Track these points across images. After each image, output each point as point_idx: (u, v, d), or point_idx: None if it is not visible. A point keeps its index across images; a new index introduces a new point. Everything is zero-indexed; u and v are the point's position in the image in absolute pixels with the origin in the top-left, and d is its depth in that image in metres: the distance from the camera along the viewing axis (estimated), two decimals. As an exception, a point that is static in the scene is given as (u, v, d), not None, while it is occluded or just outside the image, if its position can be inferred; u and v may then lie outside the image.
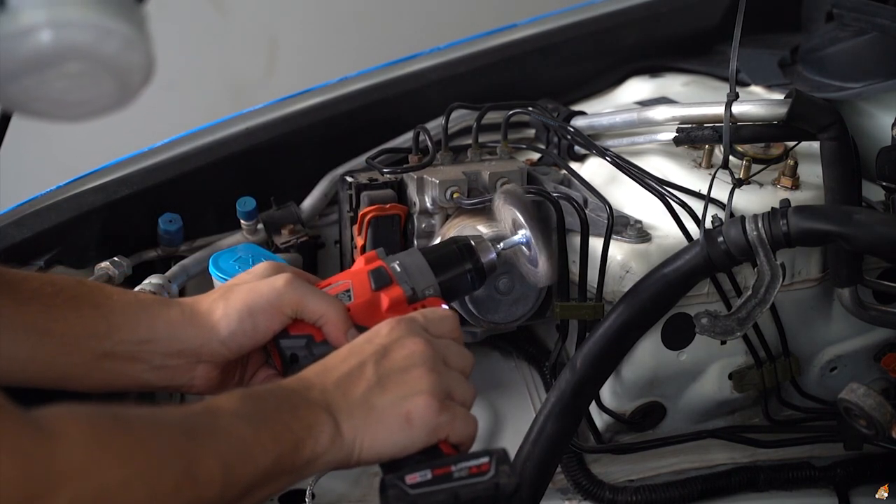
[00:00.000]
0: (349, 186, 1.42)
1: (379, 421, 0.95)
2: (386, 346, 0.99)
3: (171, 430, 0.85)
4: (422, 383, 0.97)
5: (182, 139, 1.53)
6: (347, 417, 0.94)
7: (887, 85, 1.48)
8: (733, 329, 1.23)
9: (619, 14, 1.80)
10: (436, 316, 1.04)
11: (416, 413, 0.96)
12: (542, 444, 1.24)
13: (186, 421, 0.87)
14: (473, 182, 1.39)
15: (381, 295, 1.07)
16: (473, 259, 1.11)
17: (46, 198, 1.42)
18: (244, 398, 0.92)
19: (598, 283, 1.32)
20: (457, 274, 1.10)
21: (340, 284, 1.07)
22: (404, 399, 0.96)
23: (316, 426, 0.92)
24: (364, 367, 0.97)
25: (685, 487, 1.46)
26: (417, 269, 1.09)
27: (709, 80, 1.70)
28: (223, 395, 0.92)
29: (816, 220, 1.19)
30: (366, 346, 0.99)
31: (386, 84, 1.63)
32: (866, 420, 1.25)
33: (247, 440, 0.88)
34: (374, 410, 0.95)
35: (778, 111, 1.32)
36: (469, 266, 1.10)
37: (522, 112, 1.54)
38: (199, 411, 0.89)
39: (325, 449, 0.93)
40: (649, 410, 1.43)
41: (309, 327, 1.05)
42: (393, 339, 0.99)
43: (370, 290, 1.07)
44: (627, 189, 1.41)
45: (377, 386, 0.96)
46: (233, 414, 0.89)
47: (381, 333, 1.00)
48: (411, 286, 1.08)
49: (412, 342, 0.99)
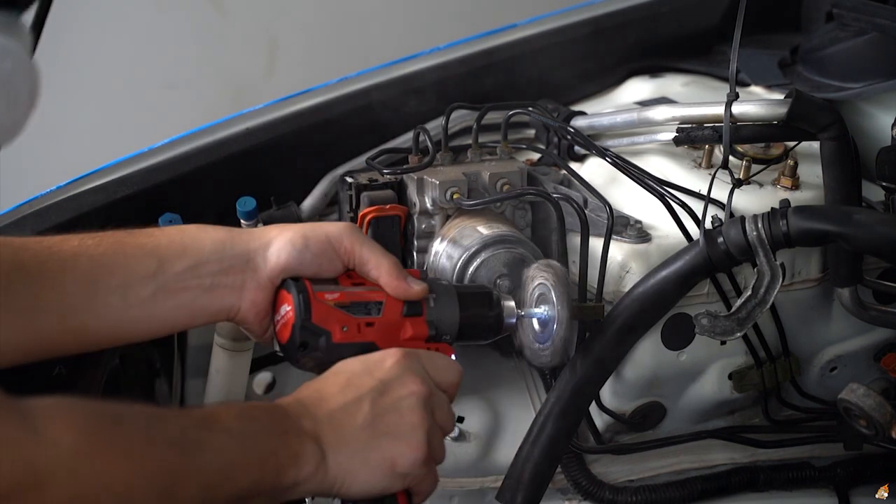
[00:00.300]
0: (349, 187, 1.42)
1: (365, 463, 0.96)
2: (385, 381, 0.99)
3: (163, 439, 0.85)
4: (413, 430, 0.98)
5: (182, 139, 1.53)
6: (335, 452, 0.95)
7: (887, 85, 1.48)
8: (733, 329, 1.23)
9: (619, 14, 1.80)
10: (443, 363, 1.05)
11: (402, 462, 0.97)
12: (542, 444, 1.24)
13: (180, 432, 0.87)
14: (473, 182, 1.39)
15: (407, 323, 1.08)
16: (496, 314, 1.13)
17: (46, 198, 1.42)
18: (239, 416, 0.92)
19: (598, 283, 1.32)
20: (478, 321, 1.12)
21: (377, 292, 1.08)
22: (394, 443, 0.97)
23: (302, 456, 0.93)
24: (361, 403, 0.97)
25: (685, 487, 1.46)
26: (448, 309, 1.10)
27: (709, 80, 1.70)
28: (222, 405, 0.93)
29: (816, 220, 1.19)
30: (366, 378, 0.99)
31: (386, 84, 1.63)
32: (866, 420, 1.26)
33: (233, 462, 0.88)
34: (362, 451, 0.96)
35: (778, 111, 1.32)
36: (491, 316, 1.13)
37: (522, 112, 1.53)
38: (195, 424, 0.89)
39: (306, 478, 0.93)
40: (649, 411, 1.43)
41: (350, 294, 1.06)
42: (394, 376, 0.99)
43: (400, 314, 1.08)
44: (627, 189, 1.41)
45: (370, 426, 0.97)
46: (226, 431, 0.89)
47: (383, 367, 1.00)
48: (436, 326, 1.09)
49: (412, 382, 1.00)
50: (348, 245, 1.08)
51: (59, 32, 1.72)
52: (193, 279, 1.04)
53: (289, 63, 3.01)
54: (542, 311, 1.14)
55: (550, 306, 1.12)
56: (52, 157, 2.69)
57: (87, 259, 1.01)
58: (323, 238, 1.07)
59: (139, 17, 2.88)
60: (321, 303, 1.05)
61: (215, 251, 1.05)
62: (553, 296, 1.12)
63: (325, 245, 1.07)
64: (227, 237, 1.06)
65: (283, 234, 1.07)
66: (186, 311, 1.04)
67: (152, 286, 1.02)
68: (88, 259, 1.01)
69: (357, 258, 1.08)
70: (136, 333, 1.05)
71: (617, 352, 1.27)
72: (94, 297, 1.00)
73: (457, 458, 1.46)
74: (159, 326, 1.05)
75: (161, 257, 1.03)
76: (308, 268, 1.06)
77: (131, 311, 1.02)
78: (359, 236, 1.09)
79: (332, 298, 1.05)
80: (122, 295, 1.01)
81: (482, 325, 1.13)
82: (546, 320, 1.13)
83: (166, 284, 1.02)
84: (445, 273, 1.33)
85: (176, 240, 1.05)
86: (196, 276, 1.04)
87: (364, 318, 1.06)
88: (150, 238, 1.05)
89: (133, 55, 2.87)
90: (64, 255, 1.00)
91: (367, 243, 1.09)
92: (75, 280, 1.00)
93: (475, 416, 1.48)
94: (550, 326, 1.12)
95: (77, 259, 1.01)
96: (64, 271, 0.99)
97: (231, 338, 1.34)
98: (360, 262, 1.08)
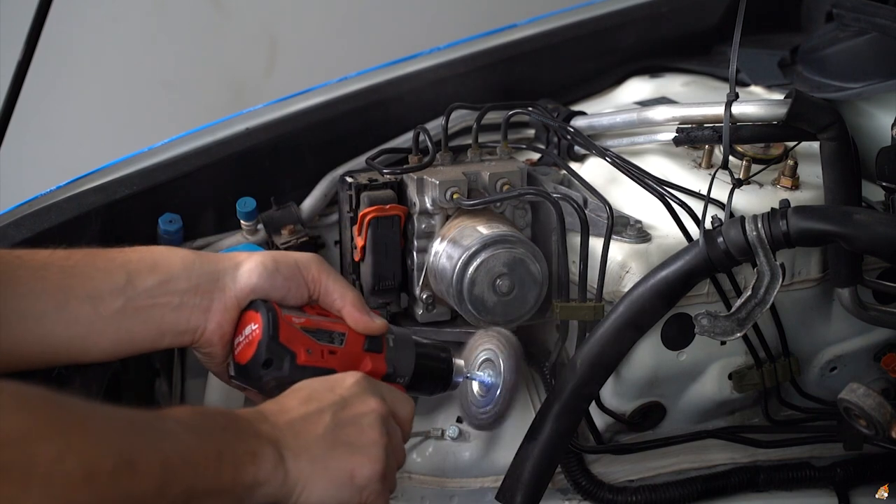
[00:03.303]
0: (349, 187, 1.42)
1: (325, 470, 0.97)
2: (346, 398, 1.01)
3: (114, 418, 0.84)
4: (373, 445, 1.00)
5: (182, 139, 1.53)
6: (294, 458, 0.95)
7: (887, 85, 1.48)
8: (733, 329, 1.23)
9: (619, 14, 1.80)
10: (400, 395, 1.08)
11: (361, 473, 0.98)
12: (541, 444, 1.24)
13: (133, 416, 0.86)
14: (473, 182, 1.39)
15: (367, 357, 1.11)
16: (447, 368, 1.16)
17: (46, 198, 1.42)
18: (194, 413, 0.92)
19: (598, 283, 1.32)
20: (430, 372, 1.15)
21: (340, 324, 1.11)
22: (353, 454, 0.98)
23: (259, 455, 0.93)
24: (322, 414, 0.99)
25: (685, 487, 1.46)
26: (405, 352, 1.14)
27: (709, 80, 1.70)
28: (174, 407, 0.93)
29: (816, 220, 1.19)
30: (327, 393, 1.01)
31: (386, 84, 1.63)
32: (866, 420, 1.25)
33: (190, 447, 0.88)
34: (322, 459, 0.96)
35: (778, 111, 1.32)
36: (444, 371, 1.16)
37: (522, 112, 1.54)
38: (148, 415, 0.89)
39: (266, 479, 0.93)
40: (649, 410, 1.43)
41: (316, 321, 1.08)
42: (354, 394, 1.02)
43: (361, 348, 1.11)
44: (627, 189, 1.41)
45: (331, 435, 0.98)
46: (180, 422, 0.89)
47: (344, 384, 1.02)
48: (394, 366, 1.12)
49: (373, 401, 1.02)
50: (315, 274, 1.10)
51: (59, 32, 1.72)
52: (162, 296, 1.04)
53: (289, 63, 3.01)
54: (487, 375, 1.16)
55: (496, 373, 1.15)
56: (52, 157, 2.69)
57: (57, 269, 1.01)
58: (292, 264, 1.09)
59: (139, 16, 2.88)
60: (289, 324, 1.06)
61: (185, 268, 1.06)
62: (500, 362, 1.15)
63: (294, 271, 1.09)
64: (197, 257, 1.07)
65: (254, 257, 1.09)
66: (154, 329, 1.05)
67: (121, 299, 1.02)
68: (59, 269, 1.01)
69: (323, 288, 1.10)
70: (103, 349, 1.04)
71: (617, 352, 1.27)
72: (64, 305, 1.00)
73: (457, 458, 1.46)
74: (127, 343, 1.05)
75: (130, 271, 1.03)
76: (277, 291, 1.08)
77: (100, 322, 1.02)
78: (326, 267, 1.11)
79: (298, 322, 1.07)
80: (93, 305, 1.01)
81: (434, 375, 1.16)
82: (490, 385, 1.16)
83: (135, 299, 1.03)
84: (446, 273, 1.33)
85: (146, 256, 1.06)
86: (165, 293, 1.04)
87: (328, 346, 1.08)
88: (120, 254, 1.05)
89: (133, 54, 2.87)
90: (34, 265, 1.01)
91: (333, 274, 1.11)
92: (46, 288, 1.00)
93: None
94: (493, 392, 1.15)
95: (48, 268, 1.01)
96: (34, 279, 0.99)
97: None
98: (325, 292, 1.10)
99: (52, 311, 1.00)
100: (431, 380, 1.16)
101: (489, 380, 1.16)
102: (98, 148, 1.92)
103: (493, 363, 1.16)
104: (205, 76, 2.97)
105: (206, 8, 2.93)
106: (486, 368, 1.17)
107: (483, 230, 1.32)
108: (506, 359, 1.15)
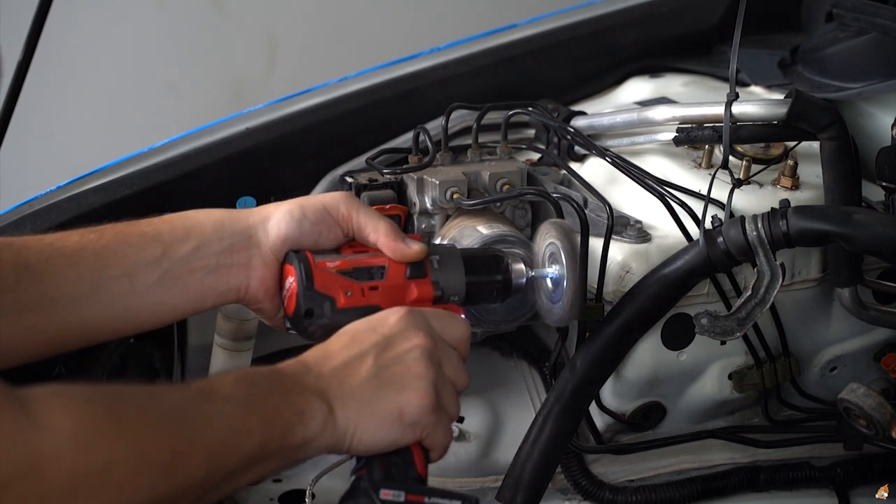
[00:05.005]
0: (349, 187, 1.42)
1: (372, 413, 0.96)
2: (389, 336, 0.99)
3: (161, 417, 0.85)
4: (418, 380, 0.98)
5: (182, 139, 1.53)
6: (342, 406, 0.95)
7: (887, 85, 1.48)
8: (733, 329, 1.23)
9: (619, 14, 1.80)
10: (449, 319, 1.05)
11: (409, 411, 0.97)
12: (541, 444, 1.24)
13: (178, 406, 0.87)
14: (473, 182, 1.39)
15: (412, 285, 1.09)
16: (505, 274, 1.13)
17: (46, 198, 1.42)
18: (237, 382, 0.92)
19: (598, 283, 1.32)
20: (485, 283, 1.12)
21: (380, 258, 1.09)
22: (399, 393, 0.97)
23: (307, 412, 0.93)
24: (364, 357, 0.98)
25: (685, 487, 1.46)
26: (453, 271, 1.10)
27: (709, 80, 1.70)
28: (219, 376, 0.93)
29: (816, 220, 1.19)
30: (369, 334, 1.00)
31: (386, 84, 1.63)
32: (866, 420, 1.26)
33: (235, 427, 0.88)
34: (369, 402, 0.96)
35: (778, 111, 1.32)
36: (499, 278, 1.13)
37: (522, 112, 1.53)
38: (192, 396, 0.89)
39: (315, 434, 0.93)
40: (649, 410, 1.43)
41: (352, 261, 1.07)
42: (397, 331, 1.00)
43: (404, 276, 1.08)
44: (627, 189, 1.41)
45: (375, 377, 0.97)
46: (224, 399, 0.89)
47: (387, 323, 1.01)
48: (442, 287, 1.10)
49: (416, 336, 1.00)
50: (345, 212, 1.10)
51: (59, 32, 1.72)
52: (198, 260, 1.05)
53: (289, 62, 3.01)
54: (553, 270, 1.13)
55: (560, 266, 1.12)
56: (52, 157, 2.69)
57: (91, 253, 1.02)
58: (319, 207, 1.09)
59: (139, 16, 2.89)
60: (323, 270, 1.06)
61: (216, 231, 1.07)
62: (562, 255, 1.12)
63: (322, 213, 1.09)
64: (227, 216, 1.09)
65: (281, 207, 1.10)
66: (194, 294, 1.06)
67: (158, 272, 1.03)
68: (92, 253, 1.02)
69: (355, 224, 1.10)
70: (144, 321, 1.06)
71: (617, 352, 1.27)
72: (100, 287, 1.01)
73: (457, 458, 1.46)
74: (168, 312, 1.06)
75: (165, 243, 1.05)
76: (308, 237, 1.08)
77: (138, 297, 1.03)
78: (355, 203, 1.11)
79: (333, 266, 1.06)
80: (129, 283, 1.02)
81: (489, 286, 1.13)
82: (557, 279, 1.13)
83: (172, 269, 1.04)
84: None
85: (178, 225, 1.07)
86: (200, 258, 1.05)
87: (368, 283, 1.07)
88: (151, 226, 1.06)
89: (133, 54, 2.87)
90: (68, 251, 1.02)
91: (364, 209, 1.10)
92: (81, 273, 1.01)
93: (475, 416, 1.48)
94: (561, 285, 1.12)
95: (81, 253, 1.02)
96: (69, 266, 1.01)
97: (231, 338, 1.34)
98: (358, 227, 1.10)
99: (89, 295, 1.01)
100: (488, 291, 1.13)
101: (555, 274, 1.12)
102: (98, 148, 1.92)
103: (556, 257, 1.13)
104: (205, 76, 2.97)
105: (206, 8, 2.94)
106: (553, 263, 1.13)
107: (483, 230, 1.32)
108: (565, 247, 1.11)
